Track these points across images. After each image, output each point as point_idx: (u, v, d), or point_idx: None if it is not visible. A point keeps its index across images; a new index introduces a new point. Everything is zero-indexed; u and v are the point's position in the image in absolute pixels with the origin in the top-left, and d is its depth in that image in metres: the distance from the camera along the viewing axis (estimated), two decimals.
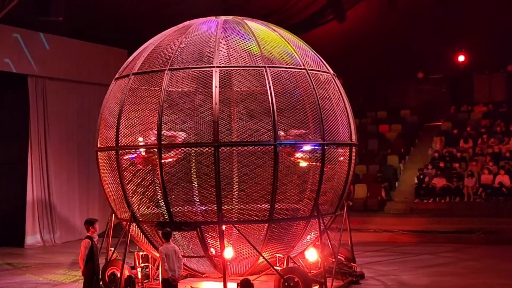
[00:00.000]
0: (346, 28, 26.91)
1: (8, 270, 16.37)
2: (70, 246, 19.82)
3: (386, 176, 23.86)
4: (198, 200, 12.38)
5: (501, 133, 24.49)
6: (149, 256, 13.27)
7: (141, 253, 13.28)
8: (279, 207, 12.20)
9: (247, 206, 12.25)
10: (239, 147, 11.93)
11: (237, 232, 12.10)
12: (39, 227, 20.56)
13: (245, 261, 12.57)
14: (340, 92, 13.32)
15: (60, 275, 15.42)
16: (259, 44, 12.48)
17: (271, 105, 11.85)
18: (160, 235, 11.64)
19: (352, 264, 14.01)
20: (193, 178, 12.30)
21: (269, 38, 12.92)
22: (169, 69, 12.22)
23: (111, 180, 12.80)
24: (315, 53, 13.55)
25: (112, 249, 13.23)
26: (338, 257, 13.48)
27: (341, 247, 13.87)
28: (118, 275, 12.62)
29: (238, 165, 12.18)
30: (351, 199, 21.85)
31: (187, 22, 13.53)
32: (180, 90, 12.46)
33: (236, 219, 12.15)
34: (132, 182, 12.35)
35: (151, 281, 13.13)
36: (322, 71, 13.16)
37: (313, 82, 12.54)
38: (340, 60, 22.97)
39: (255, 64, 12.26)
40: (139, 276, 13.03)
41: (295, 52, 12.84)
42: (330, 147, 12.49)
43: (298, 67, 12.61)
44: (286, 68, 12.45)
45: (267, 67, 12.19)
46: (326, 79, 13.10)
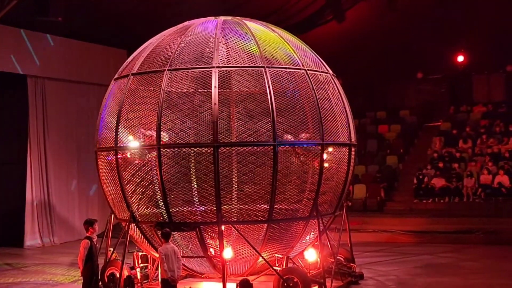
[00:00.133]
0: (346, 28, 26.93)
1: (8, 271, 16.34)
2: (69, 247, 19.80)
3: (385, 177, 23.82)
4: (197, 201, 12.38)
5: (500, 133, 24.44)
6: (148, 257, 13.26)
7: (140, 253, 13.28)
8: (279, 208, 12.20)
9: (247, 207, 12.26)
10: (239, 148, 11.94)
11: (237, 233, 12.10)
12: (38, 228, 20.56)
13: (245, 262, 12.56)
14: (339, 93, 13.32)
15: (60, 276, 15.41)
16: (258, 45, 12.48)
17: (270, 106, 11.85)
18: (159, 236, 11.63)
19: (352, 265, 14.01)
20: (192, 179, 12.30)
21: (269, 39, 12.92)
22: (169, 70, 12.23)
23: (110, 180, 12.81)
24: (314, 54, 13.54)
25: (111, 250, 13.22)
26: (338, 258, 13.48)
27: (341, 248, 13.87)
28: (118, 276, 12.63)
29: (238, 166, 12.18)
30: (350, 200, 21.86)
31: (187, 23, 13.53)
32: (180, 91, 12.47)
33: (236, 220, 12.14)
34: (131, 182, 12.36)
35: (151, 282, 13.13)
36: (321, 72, 13.16)
37: (312, 83, 12.54)
38: (339, 61, 22.95)
39: (254, 65, 12.26)
40: (138, 277, 13.03)
41: (294, 53, 12.84)
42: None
43: (298, 68, 12.61)
44: (285, 69, 12.45)
45: (266, 68, 12.19)
46: (325, 80, 13.10)
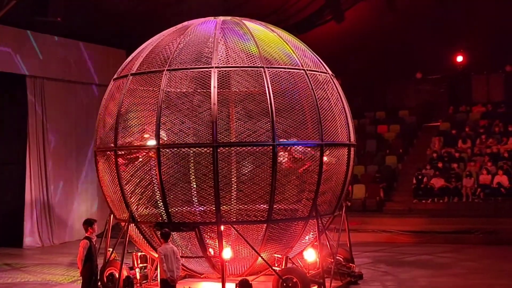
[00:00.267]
0: (345, 29, 26.92)
1: (7, 271, 16.34)
2: (69, 247, 19.79)
3: (385, 177, 23.81)
4: (197, 201, 12.37)
5: (500, 134, 24.44)
6: (148, 257, 13.25)
7: (140, 254, 13.27)
8: (278, 208, 12.19)
9: (246, 207, 12.25)
10: (238, 148, 11.94)
11: (236, 233, 12.09)
12: (38, 228, 20.55)
13: (244, 262, 12.56)
14: (339, 93, 13.31)
15: (59, 276, 15.40)
16: (258, 45, 12.47)
17: (270, 106, 11.84)
18: (159, 236, 11.63)
19: (351, 265, 13.99)
20: (192, 179, 12.29)
21: (268, 39, 12.91)
22: (168, 70, 12.22)
23: (110, 181, 12.80)
24: (314, 54, 13.54)
25: (111, 250, 13.21)
26: (337, 258, 13.48)
27: (340, 248, 13.86)
28: (117, 276, 12.62)
29: (237, 166, 12.18)
30: (350, 200, 21.85)
31: (186, 23, 13.52)
32: (179, 91, 12.47)
33: (235, 220, 12.12)
34: (131, 183, 12.35)
35: (150, 282, 13.12)
36: (321, 72, 13.15)
37: (312, 83, 12.53)
38: (339, 61, 22.99)
39: (254, 65, 12.26)
40: (138, 277, 13.02)
41: (294, 53, 12.83)
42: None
43: (297, 68, 12.60)
44: (285, 69, 12.45)
45: (266, 68, 12.18)
46: (325, 80, 13.09)
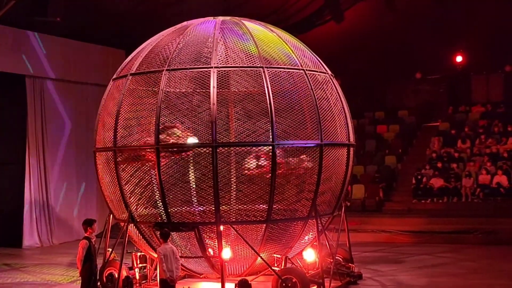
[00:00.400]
0: (344, 29, 26.94)
1: (6, 271, 16.33)
2: (68, 247, 19.77)
3: (384, 177, 23.82)
4: (196, 201, 12.37)
5: (499, 134, 24.45)
6: (147, 257, 13.25)
7: (139, 254, 13.27)
8: (277, 208, 12.18)
9: (245, 207, 12.24)
10: (237, 148, 11.94)
11: (235, 233, 12.09)
12: (37, 228, 20.55)
13: (243, 262, 12.56)
14: (338, 93, 13.31)
15: (58, 276, 15.40)
16: (257, 45, 12.47)
17: (269, 106, 11.84)
18: (158, 236, 11.62)
19: (350, 265, 14.00)
20: (191, 179, 12.29)
21: (267, 39, 12.91)
22: (167, 70, 12.22)
23: (109, 181, 12.80)
24: (313, 54, 13.54)
25: (110, 250, 13.20)
26: (336, 258, 13.47)
27: (339, 248, 13.85)
28: (116, 276, 12.61)
29: (236, 166, 12.17)
30: (349, 200, 21.85)
31: (185, 23, 13.52)
32: (178, 91, 12.46)
33: (234, 220, 12.12)
34: (130, 183, 12.35)
35: (149, 282, 13.12)
36: (320, 72, 13.15)
37: (311, 83, 12.53)
38: (338, 61, 23.00)
39: (253, 65, 12.25)
40: (137, 277, 13.02)
41: (293, 53, 12.83)
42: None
43: (296, 68, 12.60)
44: (284, 69, 12.44)
45: (265, 68, 12.18)
46: (324, 80, 13.09)
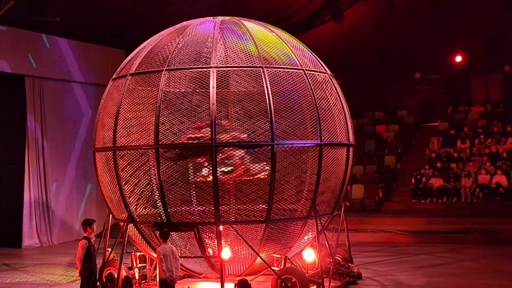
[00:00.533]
0: (344, 29, 26.96)
1: (6, 271, 16.33)
2: (68, 247, 19.77)
3: (384, 177, 23.82)
4: (196, 201, 12.37)
5: (498, 134, 24.44)
6: (147, 257, 13.25)
7: (138, 254, 13.26)
8: (277, 208, 12.19)
9: (245, 207, 12.24)
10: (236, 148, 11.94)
11: (235, 233, 12.09)
12: (36, 228, 20.55)
13: (243, 262, 12.56)
14: (338, 93, 13.31)
15: (58, 276, 15.39)
16: (257, 45, 12.47)
17: (269, 106, 11.84)
18: (158, 236, 11.62)
19: (350, 265, 14.00)
20: (191, 179, 12.28)
21: (267, 39, 12.91)
22: (167, 70, 12.22)
23: (109, 181, 12.80)
24: (313, 54, 13.54)
25: (110, 250, 13.20)
26: (336, 258, 13.47)
27: (339, 248, 13.86)
28: (116, 276, 12.61)
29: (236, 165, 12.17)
30: (349, 200, 21.85)
31: (185, 23, 13.52)
32: (178, 91, 12.46)
33: (234, 220, 12.12)
34: (130, 183, 12.35)
35: (149, 282, 13.12)
36: (320, 72, 13.15)
37: (311, 83, 12.53)
38: (338, 61, 23.00)
39: (253, 65, 12.25)
40: (137, 277, 13.02)
41: (293, 53, 12.83)
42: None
43: (296, 68, 12.60)
44: (284, 69, 12.44)
45: (265, 68, 12.18)
46: (324, 80, 13.10)
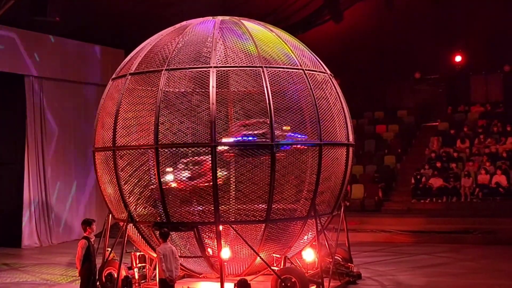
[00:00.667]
0: (344, 29, 26.98)
1: (5, 271, 16.32)
2: (67, 247, 19.77)
3: (383, 177, 23.83)
4: (195, 201, 12.37)
5: (498, 133, 24.45)
6: (146, 257, 13.25)
7: (138, 253, 13.26)
8: (276, 207, 12.18)
9: (244, 206, 12.24)
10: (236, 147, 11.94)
11: (234, 233, 12.09)
12: (36, 228, 20.55)
13: (242, 262, 12.55)
14: (337, 93, 13.31)
15: (57, 276, 15.40)
16: (256, 44, 12.47)
17: (268, 105, 11.84)
18: (157, 235, 11.62)
19: (349, 264, 14.00)
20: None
21: (266, 39, 12.91)
22: (166, 69, 12.21)
23: (108, 180, 12.79)
24: (312, 54, 13.54)
25: (109, 250, 13.20)
26: (335, 257, 13.47)
27: (338, 247, 13.86)
28: (115, 276, 12.61)
29: (235, 165, 12.17)
30: (348, 200, 21.85)
31: (184, 22, 13.51)
32: (177, 90, 12.46)
33: (233, 219, 12.12)
34: (129, 182, 12.34)
35: (148, 282, 13.11)
36: (319, 71, 13.15)
37: (310, 82, 12.53)
38: (337, 61, 23.02)
39: (252, 64, 12.25)
40: (136, 277, 13.02)
41: (292, 53, 12.83)
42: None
43: (295, 67, 12.60)
44: (283, 68, 12.44)
45: (264, 67, 12.18)
46: (323, 80, 13.09)
